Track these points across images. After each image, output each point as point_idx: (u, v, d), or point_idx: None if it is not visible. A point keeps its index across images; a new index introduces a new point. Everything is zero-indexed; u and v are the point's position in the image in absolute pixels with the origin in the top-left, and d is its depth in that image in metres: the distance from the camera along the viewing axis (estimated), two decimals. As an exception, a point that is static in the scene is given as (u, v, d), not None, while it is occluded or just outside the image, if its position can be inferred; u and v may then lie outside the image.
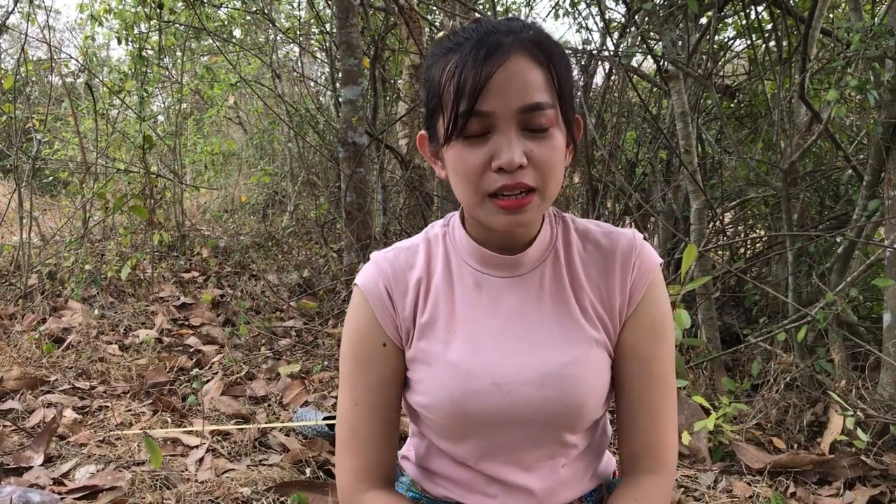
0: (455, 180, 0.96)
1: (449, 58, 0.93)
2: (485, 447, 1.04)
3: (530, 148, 0.91)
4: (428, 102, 0.98)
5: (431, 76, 0.97)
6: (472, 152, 0.92)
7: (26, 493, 1.94)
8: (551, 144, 0.93)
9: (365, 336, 1.05)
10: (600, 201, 3.92)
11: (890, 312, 2.47)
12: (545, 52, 0.93)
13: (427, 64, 1.00)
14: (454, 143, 0.93)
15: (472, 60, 0.90)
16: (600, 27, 4.14)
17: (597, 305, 1.05)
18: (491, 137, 0.92)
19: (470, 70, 0.89)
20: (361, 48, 4.52)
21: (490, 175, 0.92)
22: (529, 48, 0.92)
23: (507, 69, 0.90)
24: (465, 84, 0.90)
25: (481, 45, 0.91)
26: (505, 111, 0.90)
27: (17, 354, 3.13)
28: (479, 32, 0.93)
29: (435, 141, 1.00)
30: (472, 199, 0.95)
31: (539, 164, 0.92)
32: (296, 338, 3.75)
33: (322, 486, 2.09)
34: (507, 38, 0.91)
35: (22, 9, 4.37)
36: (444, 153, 0.96)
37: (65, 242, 4.70)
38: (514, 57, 0.90)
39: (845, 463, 2.26)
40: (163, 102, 7.22)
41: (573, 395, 1.01)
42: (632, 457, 1.07)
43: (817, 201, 3.83)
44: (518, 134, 0.91)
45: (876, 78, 2.53)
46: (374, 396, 1.05)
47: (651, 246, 1.08)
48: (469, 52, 0.91)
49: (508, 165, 0.90)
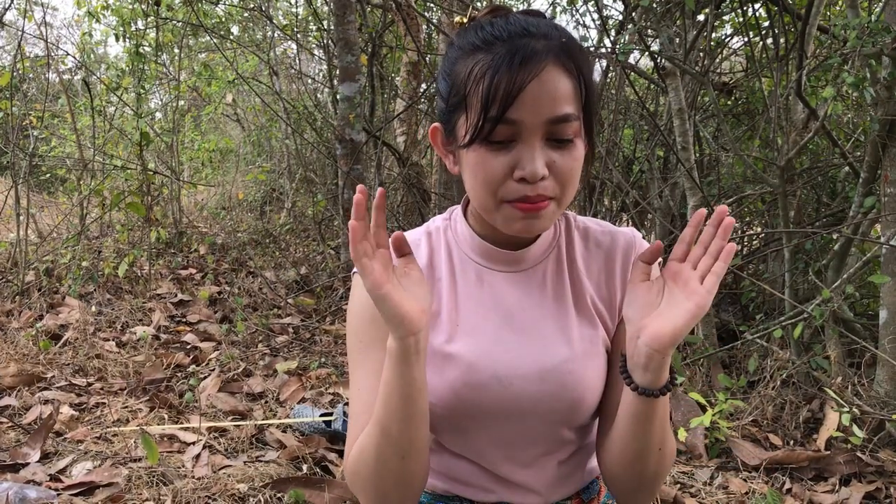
0: (473, 183, 0.95)
1: (477, 57, 0.91)
2: (483, 441, 1.05)
3: (553, 159, 0.91)
4: (448, 97, 0.96)
5: (455, 71, 0.95)
6: (494, 158, 0.91)
7: (23, 490, 1.94)
8: (573, 155, 0.93)
9: (368, 319, 1.03)
10: (597, 198, 3.93)
11: (886, 309, 2.48)
12: (575, 61, 0.91)
13: (449, 55, 0.98)
14: (476, 146, 0.92)
15: (506, 66, 0.88)
16: (598, 24, 4.14)
17: (597, 302, 1.06)
18: (515, 146, 0.91)
19: (503, 76, 0.88)
20: (359, 45, 4.52)
21: (510, 184, 0.91)
22: (562, 57, 0.90)
23: (540, 80, 0.88)
24: (497, 90, 0.88)
25: (515, 50, 0.88)
26: (533, 121, 0.89)
27: (14, 351, 3.13)
28: (510, 32, 0.91)
29: (452, 137, 0.98)
30: (488, 204, 0.94)
31: (560, 174, 0.92)
32: (293, 335, 3.75)
33: (319, 483, 2.09)
34: (539, 43, 0.90)
35: (19, 5, 4.36)
36: (463, 153, 0.95)
37: (62, 239, 4.69)
38: (548, 67, 0.89)
39: (841, 459, 2.26)
40: (160, 99, 7.22)
41: (572, 391, 1.01)
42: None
43: (814, 198, 3.83)
44: (542, 144, 0.91)
45: (872, 75, 2.53)
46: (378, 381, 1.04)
47: (649, 244, 1.09)
48: (503, 57, 0.88)
49: (532, 177, 0.89)
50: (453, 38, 0.99)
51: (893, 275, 2.45)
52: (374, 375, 1.03)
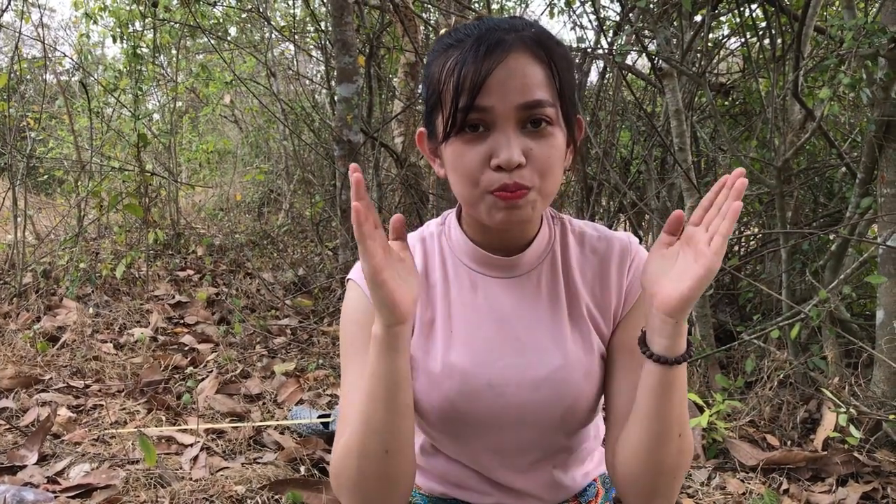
0: (453, 177, 0.95)
1: (449, 54, 0.93)
2: (478, 447, 1.04)
3: (529, 146, 0.90)
4: (427, 99, 0.97)
5: (431, 73, 0.96)
6: (471, 149, 0.91)
7: (20, 492, 1.94)
8: (551, 143, 0.92)
9: (362, 324, 1.01)
10: (595, 199, 3.93)
11: (883, 310, 2.48)
12: (546, 50, 0.92)
13: (427, 61, 0.99)
14: (453, 140, 0.92)
15: (472, 56, 0.89)
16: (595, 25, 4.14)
17: (591, 308, 1.05)
18: (490, 135, 0.90)
19: (470, 66, 0.89)
20: (357, 46, 4.52)
21: (489, 173, 0.91)
22: (531, 45, 0.91)
23: (506, 66, 0.89)
24: (465, 80, 0.89)
25: (482, 41, 0.90)
26: (504, 108, 0.89)
27: (12, 353, 3.13)
28: (481, 29, 0.92)
29: (434, 138, 0.99)
30: (470, 196, 0.94)
31: (538, 162, 0.91)
32: (291, 336, 3.75)
33: (316, 484, 2.09)
34: (508, 35, 0.90)
35: (16, 6, 4.36)
36: (443, 150, 0.96)
37: (59, 241, 4.69)
38: (514, 54, 0.89)
39: (838, 459, 2.27)
40: (158, 101, 7.21)
41: (566, 398, 1.01)
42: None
43: (811, 199, 3.84)
44: (517, 132, 0.90)
45: (869, 76, 2.54)
46: None
47: (645, 249, 1.09)
48: (469, 48, 0.90)
49: (507, 164, 0.89)
50: (432, 45, 1.00)
51: (890, 275, 2.45)
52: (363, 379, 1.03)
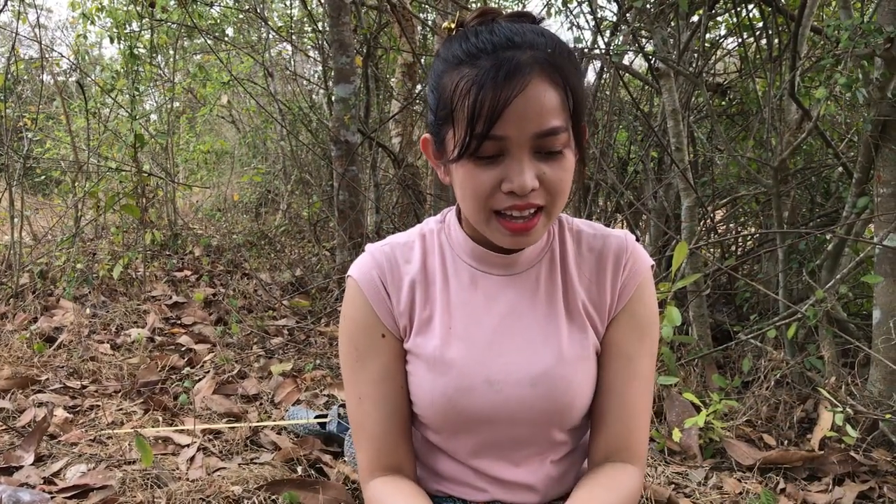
0: (462, 195, 0.96)
1: (462, 71, 0.90)
2: (476, 443, 1.05)
3: (542, 171, 0.91)
4: (436, 110, 0.96)
5: (442, 85, 0.94)
6: (483, 172, 0.91)
7: (16, 493, 1.93)
8: (563, 166, 0.93)
9: (363, 327, 1.03)
10: (592, 199, 3.93)
11: (879, 309, 2.48)
12: (562, 72, 0.91)
13: (436, 68, 0.97)
14: (465, 161, 0.92)
15: (490, 82, 0.87)
16: (591, 25, 4.15)
17: (588, 306, 1.06)
18: (503, 160, 0.91)
19: (488, 93, 0.87)
20: (354, 46, 4.51)
21: (499, 195, 0.92)
22: (548, 69, 0.89)
23: (525, 95, 0.87)
24: (482, 107, 0.87)
25: (500, 64, 0.87)
26: (520, 136, 0.89)
27: (8, 354, 3.12)
28: (495, 44, 0.90)
29: (441, 149, 0.98)
30: (478, 217, 0.95)
31: (550, 185, 0.92)
32: (288, 336, 3.74)
33: (313, 485, 2.08)
34: (524, 55, 0.88)
35: (13, 7, 4.35)
36: (453, 168, 0.95)
37: (56, 241, 4.68)
38: (533, 81, 0.88)
39: (835, 459, 2.27)
40: (155, 101, 7.20)
41: (563, 395, 1.02)
42: (605, 448, 1.07)
43: (808, 199, 3.84)
44: (531, 157, 0.90)
45: (865, 75, 2.54)
46: (377, 390, 1.04)
47: (642, 247, 1.09)
48: (487, 71, 0.88)
49: (521, 190, 0.90)
50: (440, 49, 0.99)
51: (887, 275, 2.46)
52: (374, 384, 1.04)
